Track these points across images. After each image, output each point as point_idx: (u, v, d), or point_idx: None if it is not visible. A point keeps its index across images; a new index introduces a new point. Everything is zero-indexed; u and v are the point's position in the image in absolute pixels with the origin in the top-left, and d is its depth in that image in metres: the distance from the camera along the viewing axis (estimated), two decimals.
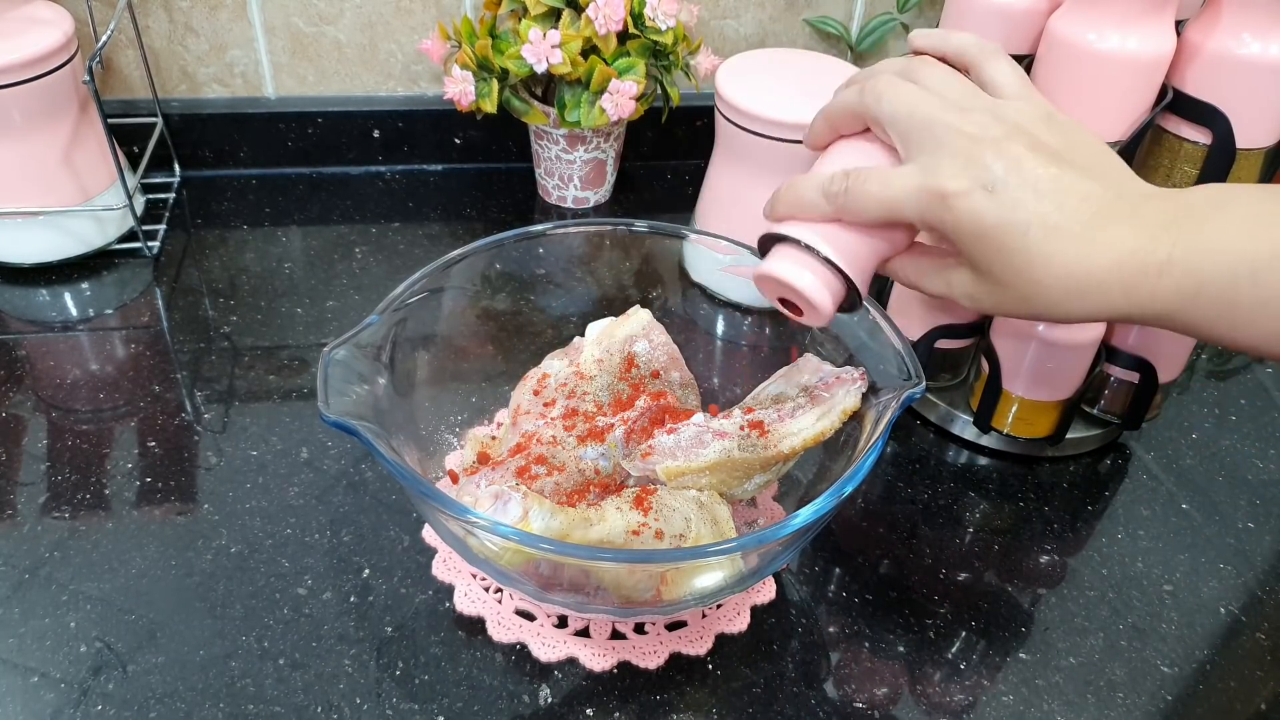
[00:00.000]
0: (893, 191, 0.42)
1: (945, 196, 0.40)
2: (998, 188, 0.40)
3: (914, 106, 0.42)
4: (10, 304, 0.78)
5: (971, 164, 0.40)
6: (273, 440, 0.66)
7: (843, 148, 0.46)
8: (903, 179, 0.41)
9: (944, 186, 0.40)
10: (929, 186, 0.41)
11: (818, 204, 0.43)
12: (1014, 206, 0.39)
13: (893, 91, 0.43)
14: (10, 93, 0.72)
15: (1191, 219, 0.38)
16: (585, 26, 0.79)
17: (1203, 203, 0.39)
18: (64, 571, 0.57)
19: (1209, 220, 0.38)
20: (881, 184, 0.42)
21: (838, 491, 0.46)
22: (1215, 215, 0.38)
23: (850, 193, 0.42)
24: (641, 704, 0.53)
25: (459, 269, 0.60)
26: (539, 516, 0.48)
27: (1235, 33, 0.53)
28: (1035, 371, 0.65)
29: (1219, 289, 0.37)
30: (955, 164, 0.40)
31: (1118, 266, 0.39)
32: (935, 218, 0.41)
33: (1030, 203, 0.39)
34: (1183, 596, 0.60)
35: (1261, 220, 0.37)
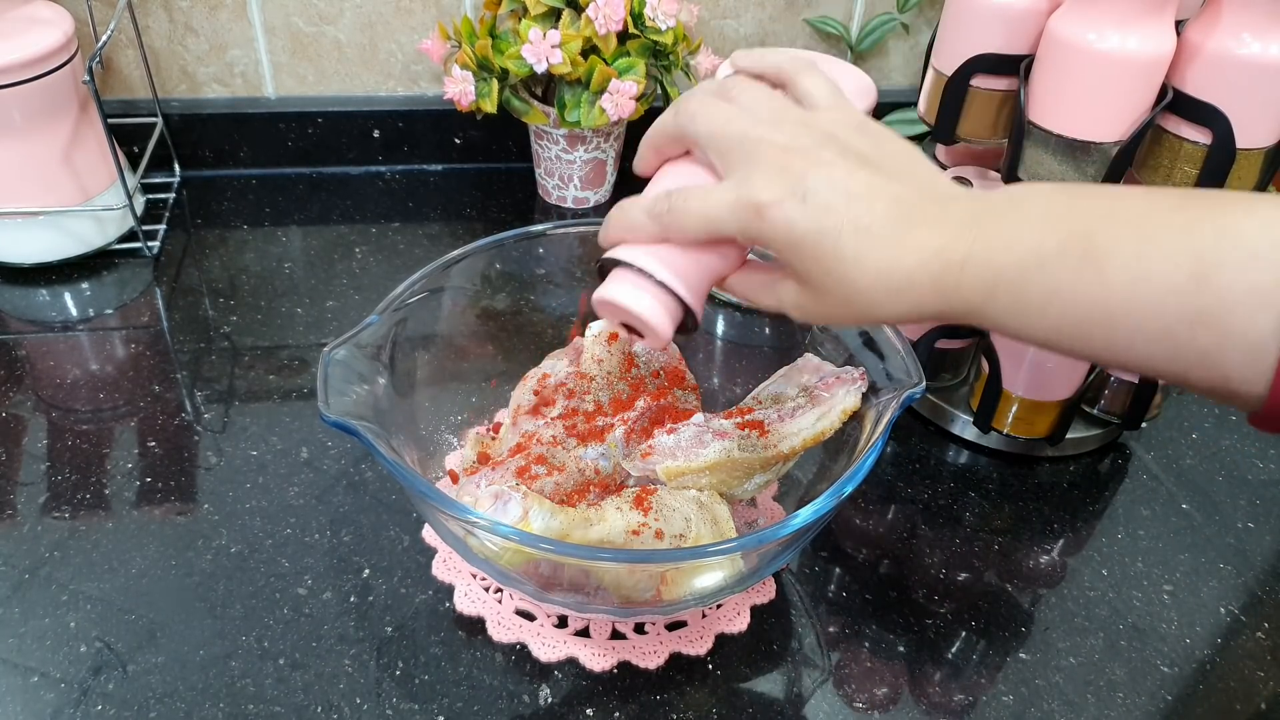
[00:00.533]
0: (711, 207, 0.43)
1: (759, 207, 0.41)
2: (809, 195, 0.41)
3: (727, 124, 0.43)
4: (10, 304, 0.78)
5: (784, 173, 0.41)
6: (273, 440, 0.66)
7: (668, 171, 0.47)
8: (721, 194, 0.43)
9: (758, 197, 0.41)
10: (744, 199, 0.41)
11: (645, 225, 0.44)
12: (825, 212, 0.40)
13: (706, 111, 0.44)
14: (10, 93, 0.73)
15: (991, 216, 0.40)
16: (585, 26, 0.79)
17: (1004, 201, 0.41)
18: (64, 571, 0.57)
19: (1006, 217, 0.40)
20: (701, 201, 0.43)
21: (838, 491, 0.47)
22: (1012, 212, 0.40)
23: (673, 212, 0.43)
24: (641, 704, 0.53)
25: (459, 269, 0.60)
26: (539, 516, 0.48)
27: (1235, 33, 0.53)
28: (1035, 372, 0.65)
29: (1011, 281, 0.39)
30: (768, 175, 0.41)
31: (924, 266, 0.40)
32: (753, 229, 0.42)
33: (841, 207, 0.40)
34: (1183, 596, 0.60)
35: (1052, 216, 0.39)
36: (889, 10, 0.94)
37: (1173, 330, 0.36)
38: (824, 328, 0.59)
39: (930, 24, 0.95)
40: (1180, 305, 0.36)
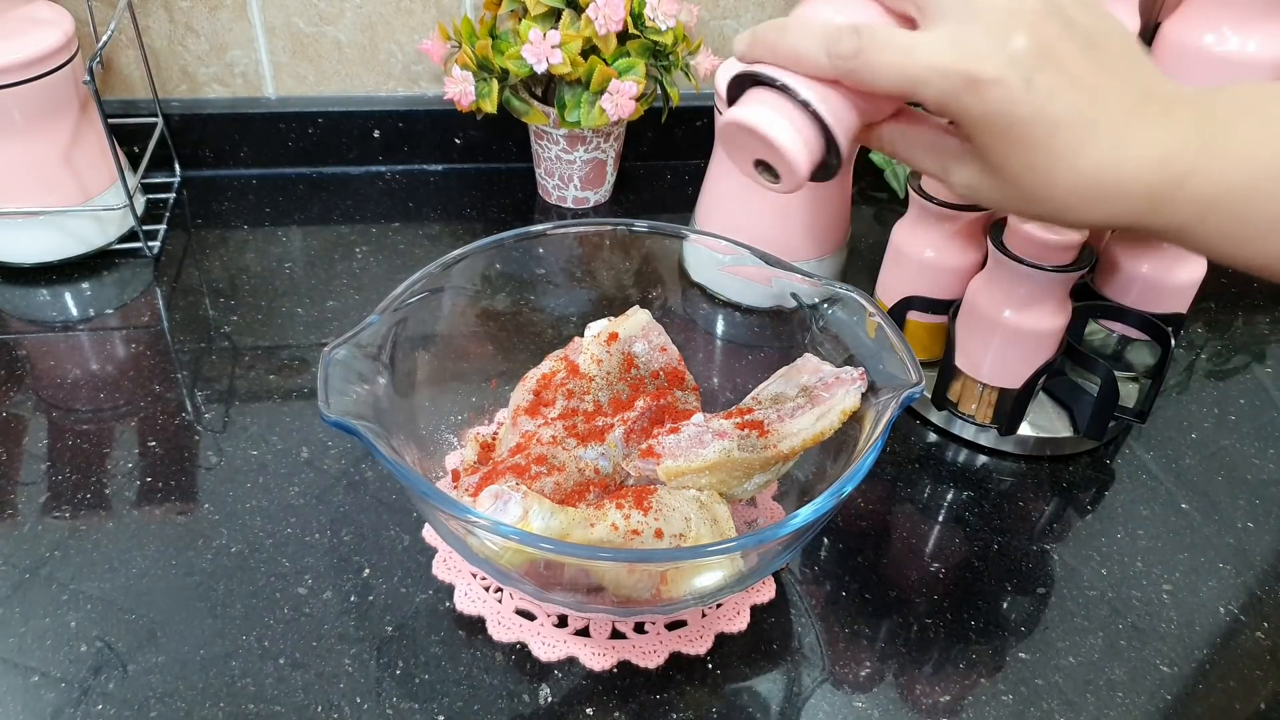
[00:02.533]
0: (915, 64, 0.36)
1: (977, 82, 0.35)
2: (1034, 76, 0.35)
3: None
4: (10, 304, 0.78)
5: (1007, 44, 0.35)
6: (273, 440, 0.67)
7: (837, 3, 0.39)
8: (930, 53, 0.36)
9: (978, 71, 0.35)
10: (959, 68, 0.35)
11: (817, 61, 0.37)
12: (1049, 99, 0.35)
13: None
14: (10, 93, 0.73)
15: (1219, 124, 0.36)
16: (585, 26, 0.79)
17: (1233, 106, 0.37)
18: (64, 571, 0.57)
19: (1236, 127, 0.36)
20: (903, 54, 0.36)
21: (837, 491, 0.47)
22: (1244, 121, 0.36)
23: (863, 57, 0.36)
24: (641, 703, 0.53)
25: (459, 269, 0.60)
26: (539, 516, 0.48)
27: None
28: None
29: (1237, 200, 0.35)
30: (990, 42, 0.35)
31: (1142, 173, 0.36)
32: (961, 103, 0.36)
33: (1066, 96, 0.35)
34: (1182, 596, 0.60)
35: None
36: None
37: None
38: (824, 327, 0.59)
39: None
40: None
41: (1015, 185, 0.37)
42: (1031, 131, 0.36)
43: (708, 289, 0.74)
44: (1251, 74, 0.54)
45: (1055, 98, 0.35)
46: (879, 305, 0.58)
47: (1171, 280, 0.68)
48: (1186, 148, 0.36)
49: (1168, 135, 0.36)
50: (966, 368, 0.67)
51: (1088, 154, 0.36)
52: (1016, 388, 0.66)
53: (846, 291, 0.57)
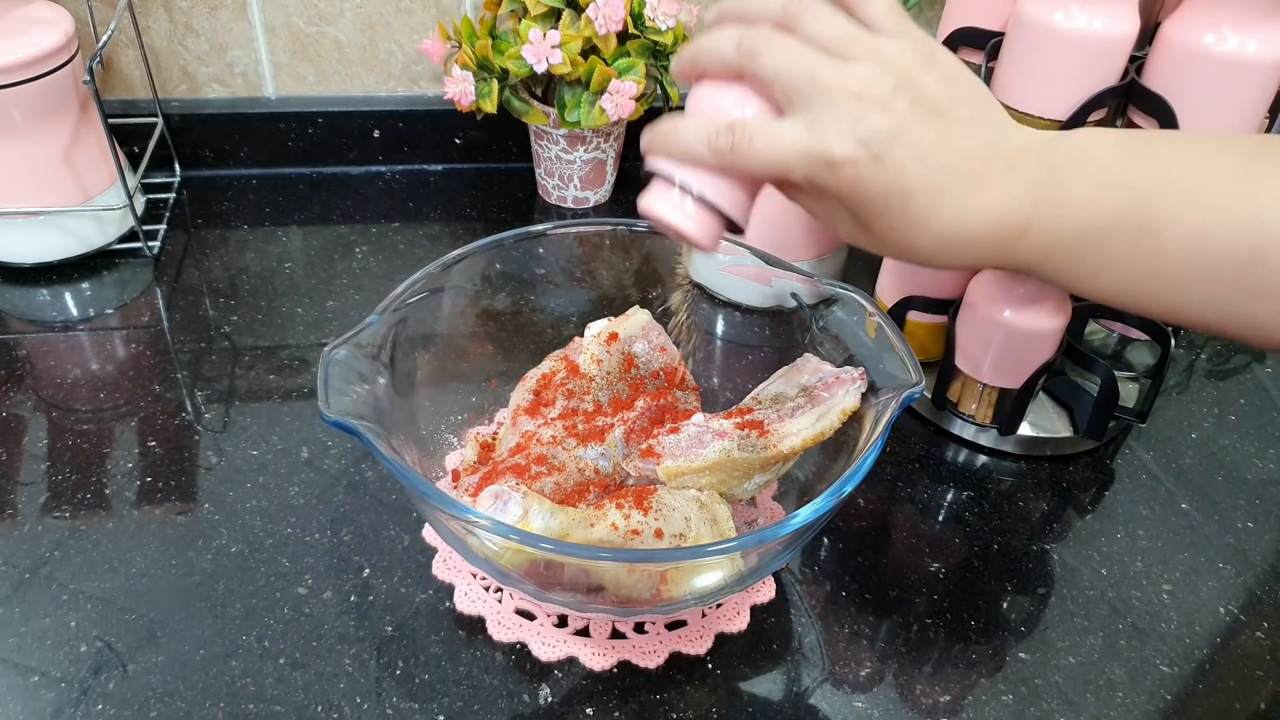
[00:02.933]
0: (780, 152, 0.41)
1: (832, 163, 0.40)
2: (883, 155, 0.39)
3: (793, 63, 0.41)
4: (10, 304, 0.78)
5: (857, 126, 0.39)
6: (273, 440, 0.67)
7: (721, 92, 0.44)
8: (790, 139, 0.40)
9: (831, 153, 0.40)
10: (816, 151, 0.40)
11: (701, 155, 0.42)
12: (898, 172, 0.39)
13: (770, 48, 0.41)
14: (10, 93, 0.73)
15: (1052, 180, 0.40)
16: (585, 27, 0.79)
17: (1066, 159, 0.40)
18: (64, 571, 0.57)
19: (1066, 181, 0.40)
20: (768, 144, 0.41)
21: (837, 491, 0.47)
22: (1073, 174, 0.40)
23: (736, 150, 0.41)
24: (641, 703, 0.53)
25: (459, 269, 0.60)
26: (539, 516, 0.48)
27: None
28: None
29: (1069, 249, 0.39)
30: (841, 126, 0.40)
31: (988, 230, 0.40)
32: (820, 180, 0.41)
33: (914, 169, 0.40)
34: (1182, 596, 0.60)
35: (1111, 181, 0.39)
36: None
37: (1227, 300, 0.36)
38: (824, 327, 0.59)
39: (930, 24, 0.95)
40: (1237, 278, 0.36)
41: (883, 241, 0.42)
42: (887, 201, 0.40)
43: (708, 289, 0.74)
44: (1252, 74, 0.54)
45: (904, 171, 0.40)
46: (879, 305, 0.58)
47: None
48: (1023, 204, 0.40)
49: (1007, 194, 0.40)
50: (966, 368, 0.67)
51: (938, 217, 0.40)
52: (1016, 388, 0.66)
53: (846, 291, 0.57)
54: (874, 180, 0.40)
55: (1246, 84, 0.54)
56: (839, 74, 0.40)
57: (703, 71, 0.45)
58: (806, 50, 0.41)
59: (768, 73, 0.41)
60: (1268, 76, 0.54)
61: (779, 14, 0.42)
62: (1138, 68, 0.58)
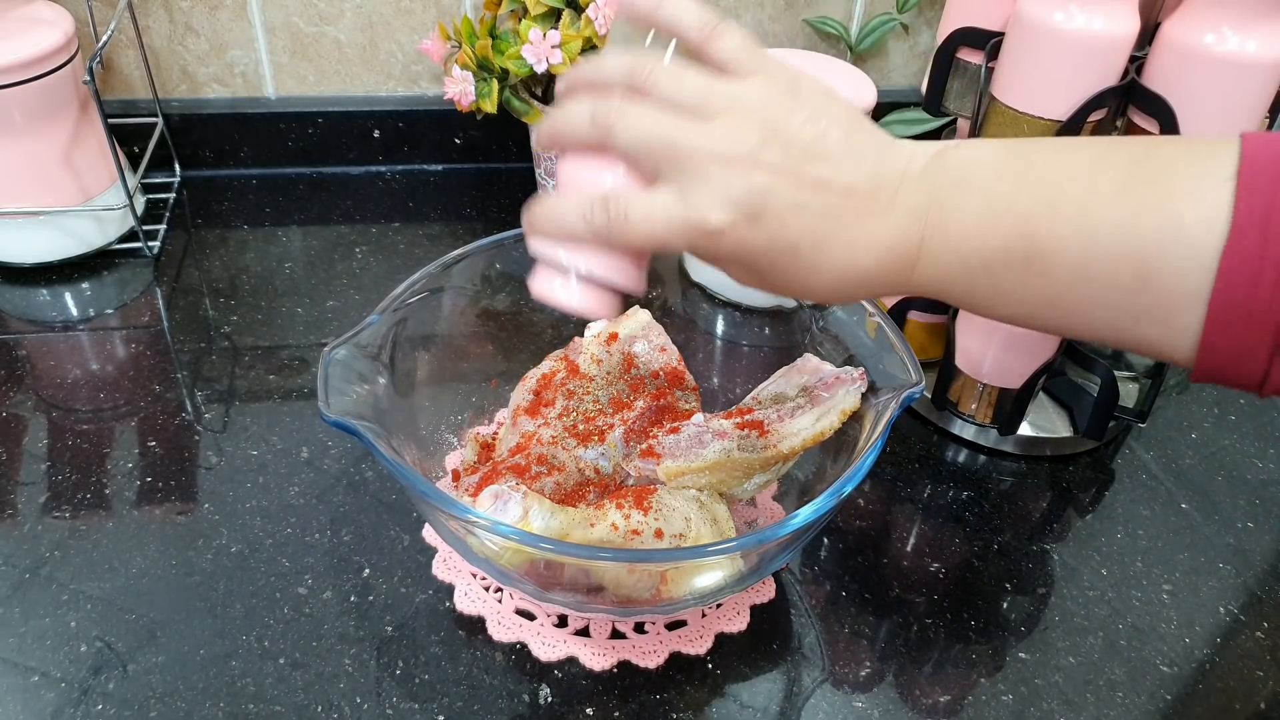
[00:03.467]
0: (657, 226, 0.39)
1: (710, 232, 0.38)
2: (761, 215, 0.38)
3: (650, 133, 0.39)
4: (10, 304, 0.78)
5: (729, 189, 0.38)
6: (273, 440, 0.67)
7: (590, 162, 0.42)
8: (665, 211, 0.39)
9: (707, 222, 0.38)
10: (692, 221, 0.39)
11: (580, 232, 0.41)
12: (780, 227, 0.38)
13: (624, 121, 0.40)
14: (10, 93, 0.73)
15: (936, 205, 0.39)
16: (585, 26, 0.79)
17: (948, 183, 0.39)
18: (64, 571, 0.57)
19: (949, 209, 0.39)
20: (644, 218, 0.39)
21: (837, 491, 0.47)
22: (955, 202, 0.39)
23: (613, 226, 0.40)
24: (641, 703, 0.53)
25: (459, 269, 0.60)
26: (539, 516, 0.48)
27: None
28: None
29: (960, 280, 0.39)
30: (713, 194, 0.38)
31: (879, 264, 0.40)
32: (703, 248, 0.40)
33: (794, 220, 0.38)
34: (1182, 596, 0.60)
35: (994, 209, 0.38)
36: (888, 10, 0.94)
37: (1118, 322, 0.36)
38: (824, 327, 0.59)
39: (930, 24, 0.95)
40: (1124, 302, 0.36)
41: (778, 288, 0.42)
42: (772, 257, 0.39)
43: (708, 289, 0.74)
44: (1252, 74, 0.54)
45: (785, 225, 0.39)
46: (879, 305, 0.58)
47: None
48: (910, 236, 0.39)
49: (894, 226, 0.39)
50: (966, 368, 0.67)
51: (828, 260, 0.40)
52: (1016, 388, 0.66)
53: None
54: (756, 240, 0.39)
55: (1246, 84, 0.54)
56: (701, 137, 0.39)
57: (563, 146, 0.43)
58: (662, 116, 0.39)
59: (627, 147, 0.40)
60: (1268, 76, 0.54)
61: (626, 79, 0.41)
62: (1138, 68, 0.58)
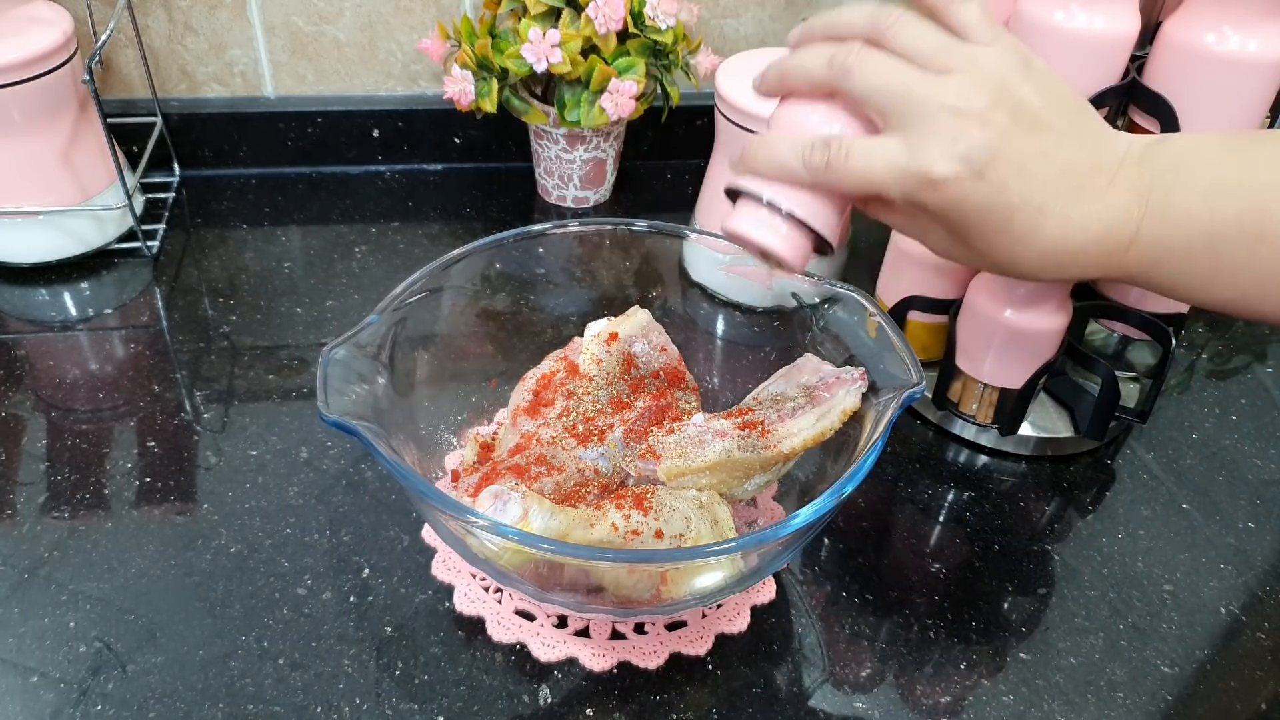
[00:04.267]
0: (877, 169, 0.40)
1: (932, 181, 0.39)
2: (985, 171, 0.39)
3: (889, 80, 0.40)
4: (10, 304, 0.78)
5: (957, 142, 0.39)
6: (272, 440, 0.66)
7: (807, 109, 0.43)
8: (888, 157, 0.40)
9: (931, 171, 0.39)
10: (915, 169, 0.39)
11: (795, 170, 0.41)
12: (1001, 189, 0.39)
13: (863, 66, 0.40)
14: (10, 92, 0.72)
15: (1159, 187, 0.39)
16: (585, 26, 0.79)
17: (1171, 167, 0.39)
18: (63, 571, 0.57)
19: (1174, 189, 0.39)
20: (865, 160, 0.40)
21: (838, 491, 0.46)
22: (1180, 182, 0.39)
23: (832, 167, 0.40)
24: (641, 704, 0.53)
25: (459, 269, 0.60)
26: (539, 516, 0.47)
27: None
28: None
29: (1179, 259, 0.39)
30: (940, 143, 0.39)
31: (1094, 242, 0.40)
32: (921, 197, 0.40)
33: (1017, 184, 0.39)
34: (1183, 596, 0.60)
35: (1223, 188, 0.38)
36: None
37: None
38: (824, 327, 0.59)
39: None
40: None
41: (983, 256, 0.42)
42: (989, 218, 0.40)
43: (708, 289, 0.74)
44: (1252, 73, 0.53)
45: (1007, 187, 0.39)
46: (879, 305, 0.58)
47: None
48: (1129, 216, 0.39)
49: (1112, 207, 0.40)
50: (967, 368, 0.67)
51: (1042, 233, 0.40)
52: (1017, 388, 0.66)
53: (847, 291, 0.57)
54: (975, 197, 0.39)
55: (1247, 83, 0.54)
56: (935, 89, 0.39)
57: (790, 89, 0.43)
58: (900, 65, 0.40)
59: (862, 91, 0.40)
60: (1268, 76, 0.54)
61: (868, 28, 0.41)
62: (1138, 67, 0.58)
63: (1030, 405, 0.67)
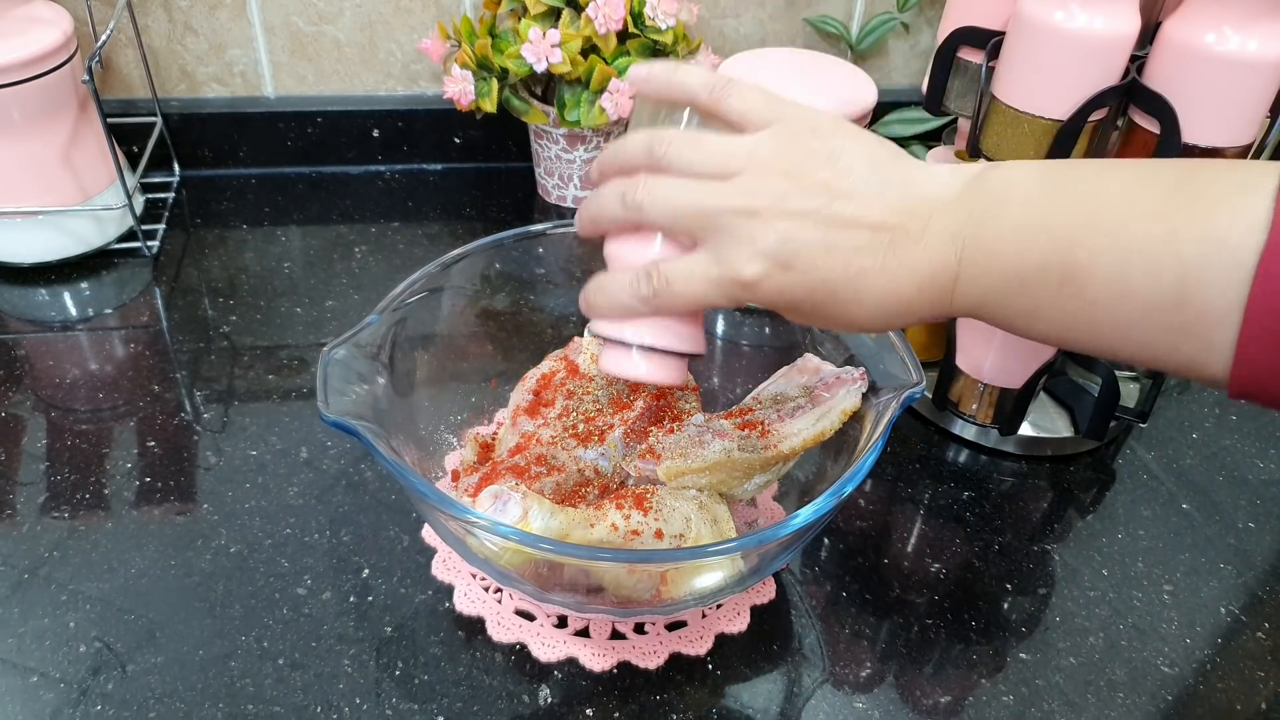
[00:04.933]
0: (697, 288, 0.42)
1: (746, 284, 0.41)
2: (792, 261, 0.40)
3: (677, 204, 0.41)
4: (10, 304, 0.78)
5: (758, 243, 0.40)
6: (272, 440, 0.66)
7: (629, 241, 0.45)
8: (703, 273, 0.41)
9: (741, 275, 0.40)
10: (728, 278, 0.41)
11: (634, 307, 0.43)
12: (814, 269, 0.40)
13: (651, 197, 0.42)
14: (10, 92, 0.72)
15: (973, 224, 0.39)
16: (585, 26, 0.79)
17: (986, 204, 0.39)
18: (63, 571, 0.57)
19: (985, 228, 0.39)
20: (685, 283, 0.42)
21: (838, 491, 0.46)
22: (990, 224, 0.39)
23: (658, 294, 0.42)
24: (641, 704, 0.53)
25: (459, 269, 0.60)
26: (539, 516, 0.47)
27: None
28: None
29: (997, 299, 0.39)
30: (742, 249, 0.40)
31: (920, 291, 0.40)
32: (745, 299, 0.42)
33: (826, 261, 0.40)
34: (1183, 596, 0.60)
35: (1030, 227, 0.38)
36: (889, 10, 0.94)
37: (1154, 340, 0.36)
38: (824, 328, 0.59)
39: (930, 23, 0.95)
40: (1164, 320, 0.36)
41: (829, 324, 0.43)
42: (811, 298, 0.41)
43: None
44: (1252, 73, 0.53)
45: (818, 266, 0.40)
46: None
47: None
48: (948, 258, 0.40)
49: (931, 254, 0.40)
50: (967, 368, 0.67)
51: (868, 295, 0.41)
52: (1017, 388, 0.66)
53: None
54: (793, 286, 0.40)
55: (1247, 84, 0.54)
56: (723, 198, 0.40)
57: (601, 230, 0.45)
58: (687, 185, 0.41)
59: (659, 221, 0.42)
60: (1268, 76, 0.54)
61: (647, 159, 0.43)
62: (1138, 67, 0.58)
63: (1030, 405, 0.67)
